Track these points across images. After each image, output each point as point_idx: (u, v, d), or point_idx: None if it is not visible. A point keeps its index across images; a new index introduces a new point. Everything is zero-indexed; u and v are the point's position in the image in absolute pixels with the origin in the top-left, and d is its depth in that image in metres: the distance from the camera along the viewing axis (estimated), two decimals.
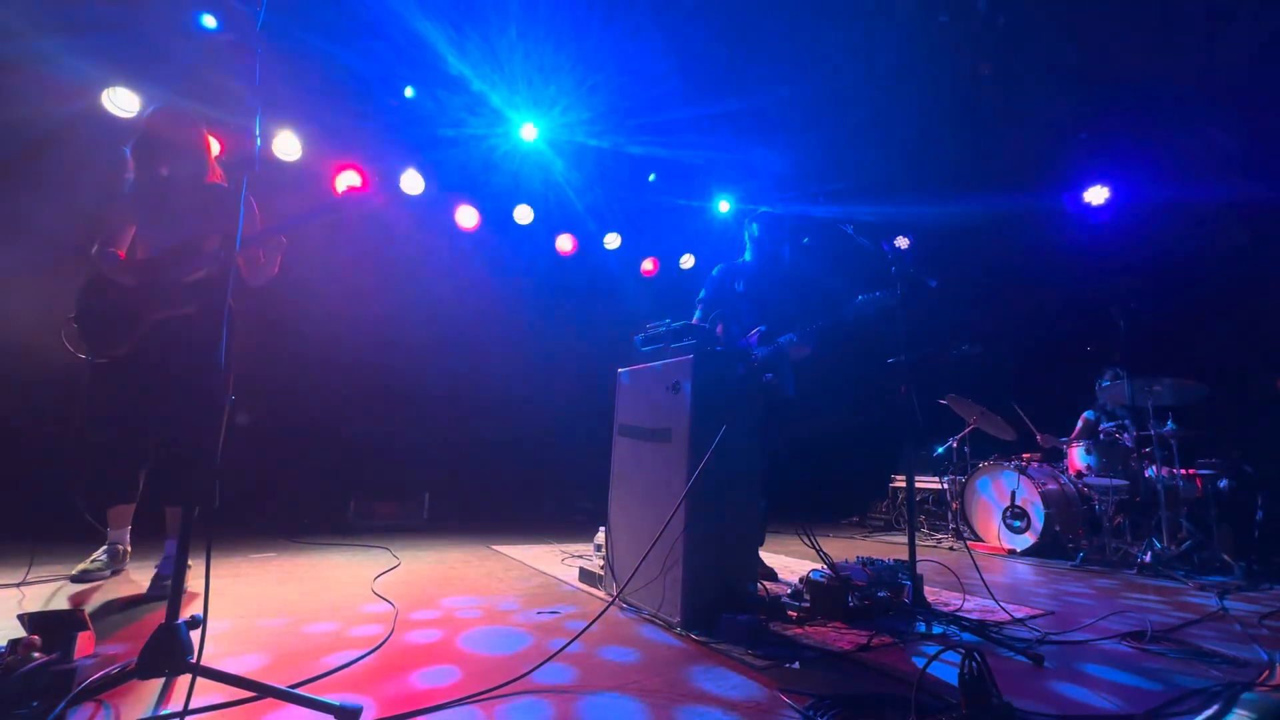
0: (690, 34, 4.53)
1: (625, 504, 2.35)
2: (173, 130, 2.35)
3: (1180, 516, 3.86)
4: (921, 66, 4.69)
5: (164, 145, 2.34)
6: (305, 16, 4.01)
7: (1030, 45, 4.44)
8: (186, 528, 1.23)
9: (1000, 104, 4.95)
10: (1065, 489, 4.40)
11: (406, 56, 4.42)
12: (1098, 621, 2.25)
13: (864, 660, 1.67)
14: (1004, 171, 5.67)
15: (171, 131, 2.35)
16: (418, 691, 1.34)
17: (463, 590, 2.39)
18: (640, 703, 1.34)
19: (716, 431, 2.05)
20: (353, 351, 5.07)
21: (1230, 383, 4.58)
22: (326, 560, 2.98)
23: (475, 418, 5.72)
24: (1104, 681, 1.60)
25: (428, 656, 1.58)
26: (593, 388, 3.99)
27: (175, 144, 2.35)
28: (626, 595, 2.18)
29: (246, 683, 1.15)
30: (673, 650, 1.72)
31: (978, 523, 4.70)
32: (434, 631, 1.81)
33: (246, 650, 1.57)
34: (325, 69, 4.39)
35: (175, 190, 2.36)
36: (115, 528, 2.41)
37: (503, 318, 6.04)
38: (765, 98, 5.08)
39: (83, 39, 3.69)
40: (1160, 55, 4.36)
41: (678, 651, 1.71)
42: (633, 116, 5.18)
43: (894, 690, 1.42)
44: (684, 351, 2.22)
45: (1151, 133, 5.07)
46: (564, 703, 1.32)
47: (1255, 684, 1.58)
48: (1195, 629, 2.20)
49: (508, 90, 4.86)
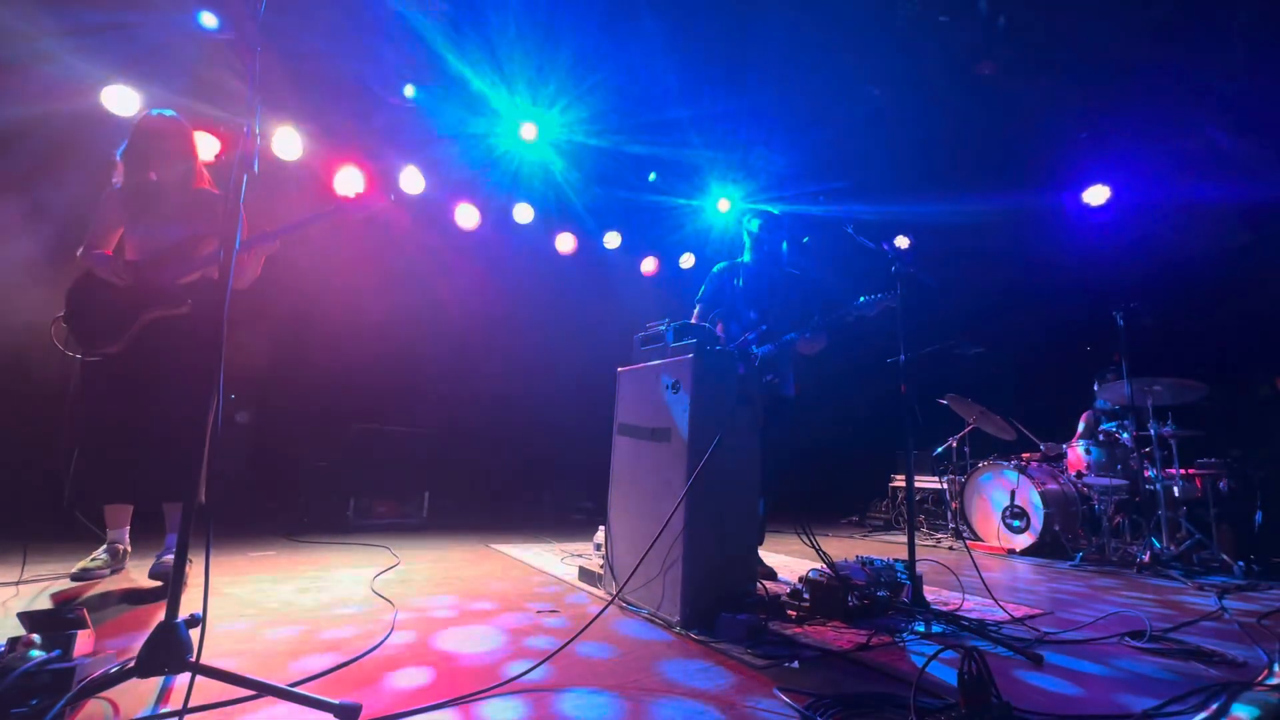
0: (690, 33, 4.53)
1: (625, 503, 2.35)
2: (162, 135, 2.38)
3: (1180, 516, 3.87)
4: (921, 66, 4.69)
5: (153, 150, 2.37)
6: (305, 15, 4.00)
7: (1030, 44, 4.44)
8: (186, 525, 1.23)
9: (1000, 103, 4.94)
10: (1065, 488, 4.41)
11: (407, 55, 4.42)
12: (1097, 621, 2.26)
13: (863, 660, 1.68)
14: (1004, 171, 5.67)
15: (161, 137, 2.38)
16: (415, 690, 1.34)
17: (462, 589, 2.39)
18: (639, 702, 1.34)
19: (716, 431, 2.05)
20: (353, 350, 5.08)
21: (1230, 382, 4.58)
22: (326, 558, 2.99)
23: (475, 417, 5.72)
24: (1103, 681, 1.60)
25: (426, 655, 1.58)
26: (592, 387, 3.99)
27: (164, 149, 2.38)
28: (626, 594, 2.18)
29: (246, 681, 1.15)
30: (672, 649, 1.72)
31: (977, 522, 4.70)
32: (433, 630, 1.81)
33: (246, 648, 1.57)
34: (325, 68, 4.39)
35: (164, 194, 2.39)
36: (113, 527, 2.41)
37: (502, 317, 6.05)
38: (765, 97, 5.07)
39: (82, 38, 3.69)
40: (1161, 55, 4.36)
41: (677, 651, 1.71)
42: (632, 115, 5.17)
43: (893, 690, 1.42)
44: (684, 351, 2.22)
45: (1152, 132, 5.07)
46: (562, 702, 1.32)
47: (1254, 684, 1.58)
48: (1194, 629, 2.20)
49: (507, 89, 4.86)
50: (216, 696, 1.22)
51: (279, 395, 4.88)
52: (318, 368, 4.92)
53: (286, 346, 4.92)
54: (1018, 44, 4.43)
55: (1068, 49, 4.49)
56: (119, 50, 3.81)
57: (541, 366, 6.08)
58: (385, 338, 5.29)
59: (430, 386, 5.51)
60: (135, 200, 2.36)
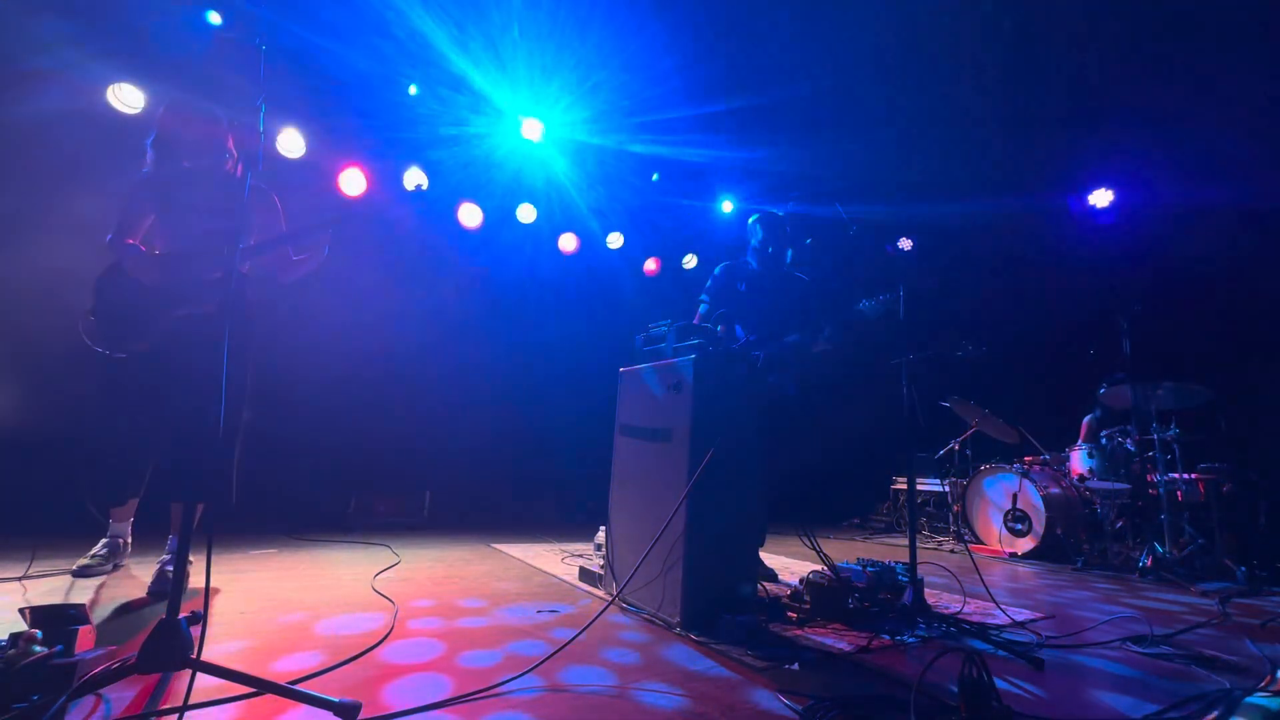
0: (693, 32, 4.53)
1: (626, 504, 2.35)
2: (195, 123, 2.34)
3: (1182, 521, 3.85)
4: (927, 67, 4.68)
5: (186, 138, 2.33)
6: (309, 14, 4.01)
7: (1036, 48, 4.43)
8: (188, 525, 1.24)
9: (1005, 106, 4.93)
10: (1067, 492, 4.39)
11: (410, 54, 4.42)
12: (1098, 625, 2.25)
13: (864, 662, 1.67)
14: (1009, 173, 5.66)
15: (194, 125, 2.34)
16: (415, 689, 1.34)
17: (462, 589, 2.40)
18: (638, 703, 1.34)
19: (718, 432, 2.05)
20: (355, 348, 5.08)
21: (1234, 386, 4.56)
22: (327, 557, 2.99)
23: (477, 416, 5.72)
24: (1104, 686, 1.60)
25: (426, 654, 1.58)
26: (594, 387, 3.99)
27: (197, 137, 2.34)
28: (626, 595, 2.18)
29: (246, 678, 1.15)
30: (672, 650, 1.72)
31: (979, 525, 4.69)
32: (432, 629, 1.81)
33: (246, 646, 1.57)
34: (329, 67, 4.39)
35: (195, 184, 2.34)
36: (117, 521, 2.41)
37: (505, 316, 6.04)
38: (769, 97, 5.07)
39: (87, 35, 3.70)
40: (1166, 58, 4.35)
41: (677, 652, 1.71)
42: (635, 115, 5.18)
43: (894, 693, 1.42)
44: (686, 351, 2.21)
45: (1157, 136, 5.06)
46: (560, 702, 1.32)
47: (1257, 689, 1.58)
48: (1196, 634, 2.19)
49: (510, 88, 4.86)
50: (217, 694, 1.22)
51: (280, 393, 4.88)
52: (319, 366, 4.92)
53: (289, 343, 4.92)
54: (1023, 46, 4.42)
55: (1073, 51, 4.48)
56: (125, 48, 3.81)
57: (543, 366, 6.08)
58: (388, 336, 5.30)
59: (432, 385, 5.52)
60: (166, 188, 2.32)
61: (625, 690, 1.40)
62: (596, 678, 1.47)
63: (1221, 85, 4.51)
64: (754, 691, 1.43)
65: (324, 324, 4.92)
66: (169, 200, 2.32)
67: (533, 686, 1.39)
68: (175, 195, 2.32)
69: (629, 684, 1.44)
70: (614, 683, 1.44)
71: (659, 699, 1.36)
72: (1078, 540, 4.28)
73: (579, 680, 1.45)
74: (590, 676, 1.48)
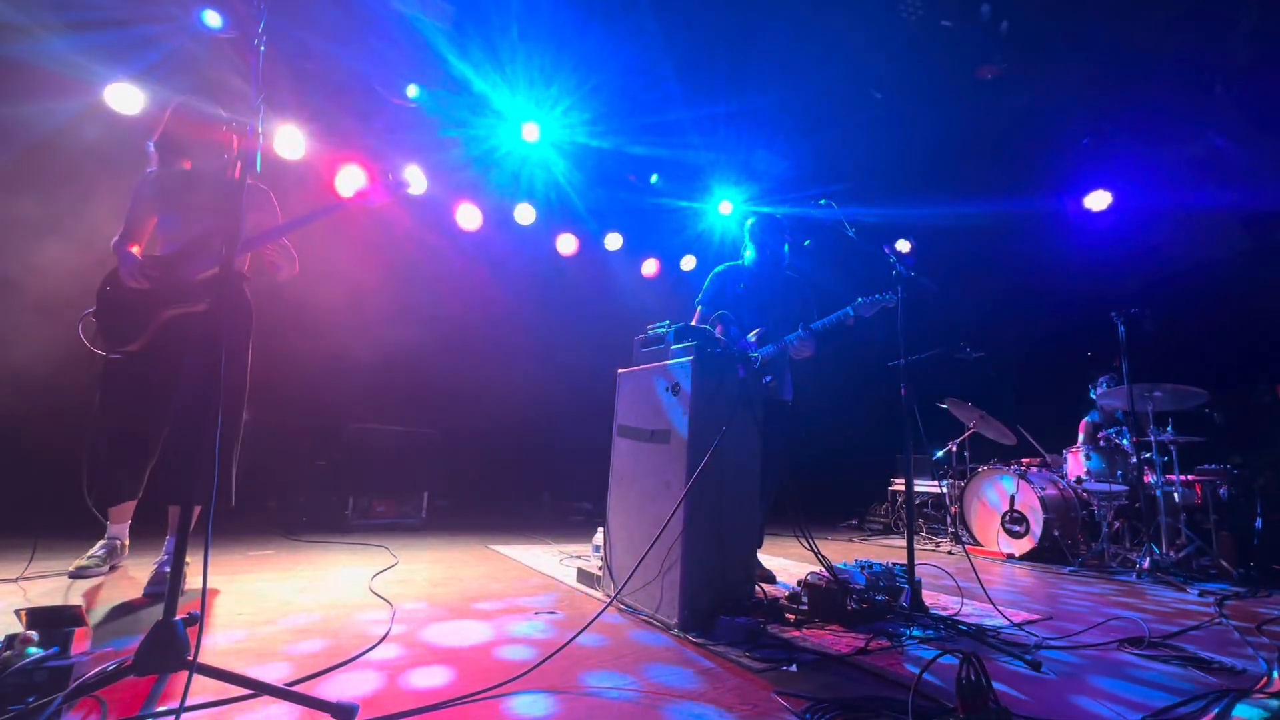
0: (692, 34, 4.54)
1: (624, 505, 2.35)
2: (197, 125, 2.35)
3: (1179, 523, 3.86)
4: (924, 69, 4.69)
5: (188, 139, 2.35)
6: (308, 16, 4.01)
7: (1033, 49, 4.44)
8: (185, 526, 1.23)
9: (1003, 108, 4.94)
10: (1065, 494, 4.40)
11: (409, 56, 4.42)
12: (1095, 627, 2.25)
13: (862, 664, 1.67)
14: (1006, 175, 5.68)
15: (196, 126, 2.35)
16: (412, 691, 1.34)
17: (460, 590, 2.39)
18: (637, 704, 1.34)
19: (716, 433, 2.05)
20: (353, 349, 5.08)
21: (1231, 389, 4.58)
22: (324, 558, 2.98)
23: (475, 417, 5.72)
24: (1101, 687, 1.60)
25: (423, 655, 1.58)
26: (592, 388, 3.99)
27: (200, 138, 2.35)
28: (624, 596, 2.18)
29: (243, 680, 1.15)
30: (670, 652, 1.72)
31: (976, 527, 4.69)
32: (430, 631, 1.80)
33: (243, 648, 1.57)
34: (328, 68, 4.39)
35: (196, 185, 2.37)
36: (115, 522, 2.41)
37: (503, 317, 6.05)
38: (767, 99, 5.08)
39: (85, 36, 3.69)
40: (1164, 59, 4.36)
41: (675, 653, 1.71)
42: (634, 117, 5.18)
43: (891, 694, 1.42)
44: (684, 353, 2.21)
45: (1154, 138, 5.07)
46: (558, 703, 1.32)
47: (1253, 691, 1.58)
48: (1193, 635, 2.20)
49: (509, 90, 4.86)
50: (213, 695, 1.22)
51: (278, 393, 4.87)
52: (317, 366, 4.92)
53: (287, 344, 4.91)
54: (1020, 48, 4.44)
55: (1070, 54, 4.49)
56: (122, 49, 3.81)
57: (542, 367, 6.08)
58: (386, 337, 5.29)
59: (430, 387, 5.51)
60: (168, 189, 2.35)
61: (623, 691, 1.40)
62: (595, 679, 1.47)
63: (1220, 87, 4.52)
64: (752, 692, 1.43)
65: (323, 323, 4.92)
66: (171, 201, 2.35)
67: (529, 688, 1.39)
68: (178, 196, 2.35)
69: (626, 686, 1.44)
70: (612, 684, 1.44)
71: (657, 701, 1.36)
72: (1075, 542, 4.29)
73: (577, 681, 1.45)
74: (589, 678, 1.48)
